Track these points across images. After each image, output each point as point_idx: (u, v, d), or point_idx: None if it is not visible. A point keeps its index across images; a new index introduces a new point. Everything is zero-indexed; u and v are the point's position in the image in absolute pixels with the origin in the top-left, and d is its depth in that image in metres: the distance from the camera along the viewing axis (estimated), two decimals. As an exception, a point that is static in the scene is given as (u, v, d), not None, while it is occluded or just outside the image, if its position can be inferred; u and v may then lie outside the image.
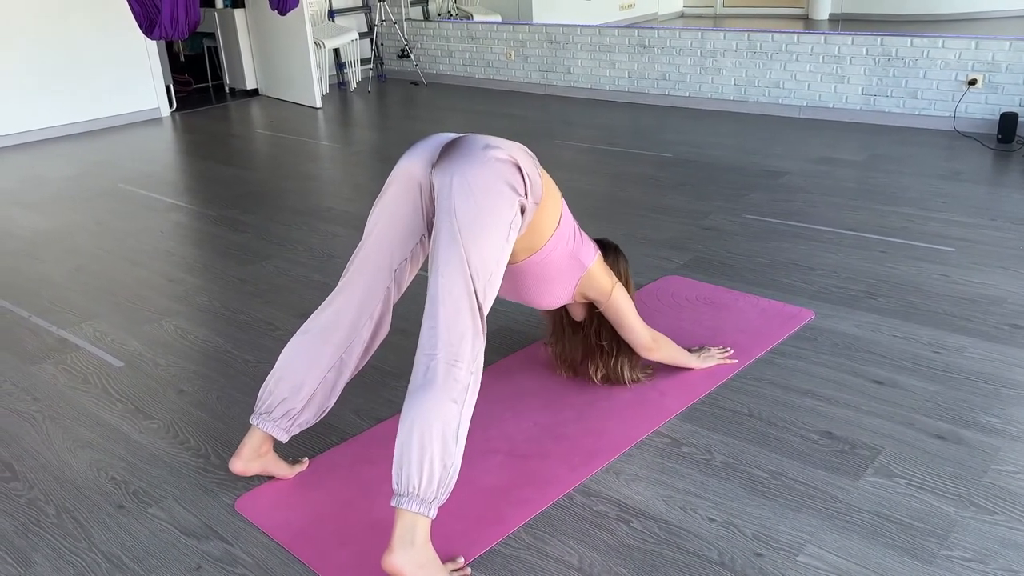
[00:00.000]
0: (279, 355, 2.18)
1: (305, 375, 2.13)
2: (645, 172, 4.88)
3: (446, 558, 1.86)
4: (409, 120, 6.73)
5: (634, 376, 2.54)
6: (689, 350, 2.66)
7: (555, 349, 2.63)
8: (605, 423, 2.38)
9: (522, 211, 1.98)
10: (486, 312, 1.90)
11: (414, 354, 2.79)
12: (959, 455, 2.17)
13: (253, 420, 2.15)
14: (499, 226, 1.90)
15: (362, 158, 5.62)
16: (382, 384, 2.67)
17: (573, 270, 2.28)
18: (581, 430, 2.35)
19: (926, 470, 2.12)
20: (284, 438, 2.16)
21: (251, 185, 5.05)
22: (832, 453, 2.21)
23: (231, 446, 2.37)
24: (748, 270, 3.39)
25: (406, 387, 2.62)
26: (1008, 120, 4.95)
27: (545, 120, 6.43)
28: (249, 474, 2.17)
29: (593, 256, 2.32)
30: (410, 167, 2.06)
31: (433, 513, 1.76)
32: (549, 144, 5.66)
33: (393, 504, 1.76)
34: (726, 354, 2.68)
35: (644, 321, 2.48)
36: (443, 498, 1.78)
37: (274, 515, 2.08)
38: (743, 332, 2.86)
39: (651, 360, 2.56)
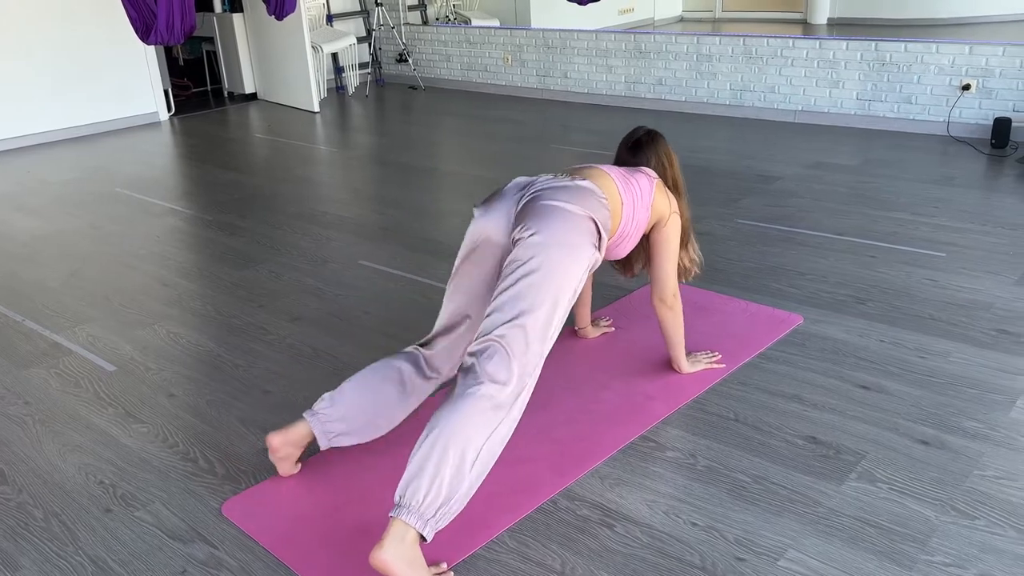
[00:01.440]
0: (360, 370, 2.25)
1: (364, 414, 2.20)
2: (639, 177, 4.89)
3: (430, 562, 1.88)
4: (407, 124, 6.76)
5: (689, 261, 2.62)
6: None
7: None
8: (592, 427, 2.39)
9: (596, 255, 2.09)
10: (545, 352, 1.94)
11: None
12: (942, 460, 2.18)
13: (308, 416, 2.19)
14: (571, 280, 1.97)
15: (359, 162, 5.65)
16: (371, 388, 2.68)
17: (645, 218, 2.37)
18: (568, 434, 2.37)
19: (909, 475, 2.13)
20: (324, 446, 2.21)
21: (248, 189, 5.07)
22: (816, 458, 2.22)
23: (220, 450, 2.39)
24: (739, 275, 3.40)
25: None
26: (1001, 125, 4.96)
27: (542, 125, 6.45)
28: (278, 454, 2.18)
29: (650, 190, 2.37)
30: (486, 230, 2.12)
31: (428, 533, 1.76)
32: (546, 149, 5.68)
33: (391, 515, 1.76)
34: (714, 359, 2.70)
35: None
36: (440, 522, 1.78)
37: (260, 519, 2.09)
38: (732, 337, 2.87)
39: (657, 317, 2.56)
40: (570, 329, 2.97)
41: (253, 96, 8.08)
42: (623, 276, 2.71)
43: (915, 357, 2.70)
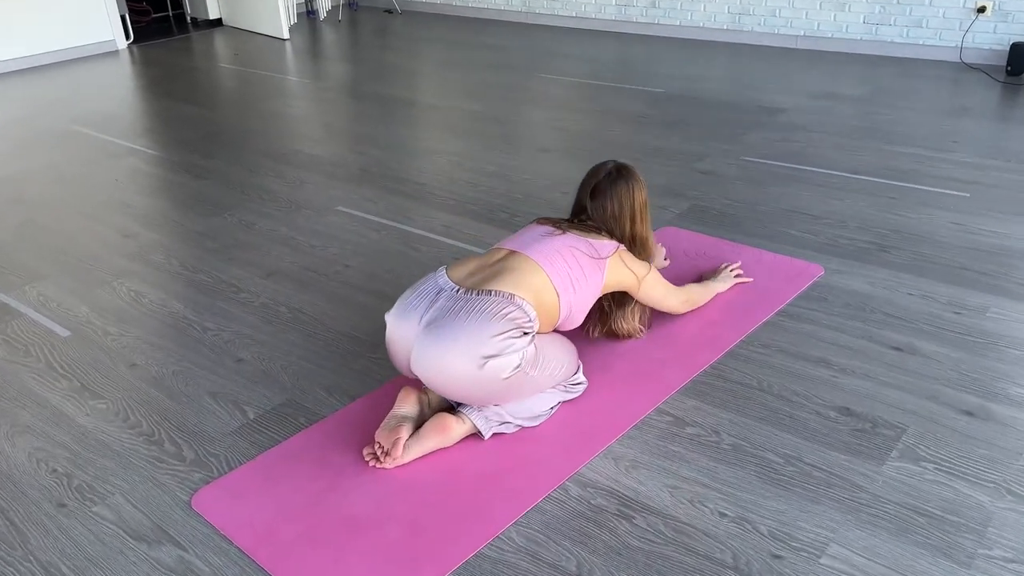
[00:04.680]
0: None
1: None
2: (634, 109, 4.59)
3: (429, 568, 1.66)
4: (383, 52, 6.34)
5: (632, 328, 2.39)
6: (702, 277, 2.66)
7: None
8: (601, 399, 2.16)
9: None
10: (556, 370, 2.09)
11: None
12: (990, 434, 1.98)
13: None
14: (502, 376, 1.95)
15: (333, 94, 5.27)
16: (354, 354, 2.43)
17: (594, 292, 2.16)
18: (576, 408, 2.13)
19: (955, 452, 1.93)
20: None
21: (214, 125, 4.71)
22: (851, 433, 2.01)
23: (188, 430, 2.14)
24: (749, 219, 3.15)
25: (381, 358, 2.40)
26: (1018, 51, 4.67)
27: (527, 51, 6.07)
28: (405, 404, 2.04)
29: (600, 272, 2.15)
30: (398, 346, 2.03)
31: (486, 433, 2.01)
32: (531, 78, 5.33)
33: (463, 411, 2.02)
34: (737, 271, 2.69)
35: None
36: (487, 423, 2.01)
37: (235, 513, 1.85)
38: (748, 291, 2.63)
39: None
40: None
41: (218, 22, 7.58)
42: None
43: (949, 313, 2.48)
